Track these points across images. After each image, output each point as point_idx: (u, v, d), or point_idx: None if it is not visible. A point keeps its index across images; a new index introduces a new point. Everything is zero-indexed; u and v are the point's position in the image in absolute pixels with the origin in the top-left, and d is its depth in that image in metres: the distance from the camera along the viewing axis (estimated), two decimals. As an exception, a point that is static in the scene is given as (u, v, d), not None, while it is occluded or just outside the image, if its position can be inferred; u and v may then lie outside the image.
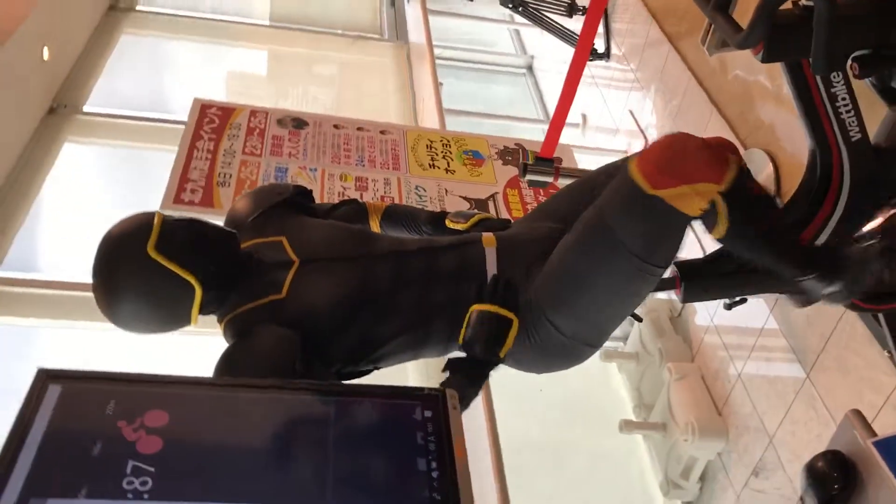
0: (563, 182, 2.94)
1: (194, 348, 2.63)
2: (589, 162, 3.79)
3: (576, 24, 4.47)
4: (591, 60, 4.36)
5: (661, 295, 3.35)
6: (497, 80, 5.71)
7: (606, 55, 4.38)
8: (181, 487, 0.94)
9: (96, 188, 4.15)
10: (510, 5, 4.45)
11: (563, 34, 4.53)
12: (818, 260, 1.61)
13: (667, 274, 1.65)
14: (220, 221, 1.72)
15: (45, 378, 1.05)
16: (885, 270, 1.59)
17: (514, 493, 2.36)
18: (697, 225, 1.52)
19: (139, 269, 1.48)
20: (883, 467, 1.03)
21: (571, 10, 4.50)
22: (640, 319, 1.84)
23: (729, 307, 2.03)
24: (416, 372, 3.09)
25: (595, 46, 4.29)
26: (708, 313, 3.13)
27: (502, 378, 1.65)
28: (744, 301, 2.02)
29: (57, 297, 3.20)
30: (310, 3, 5.81)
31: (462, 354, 1.53)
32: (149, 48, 5.31)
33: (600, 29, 4.34)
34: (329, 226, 1.76)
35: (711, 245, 1.67)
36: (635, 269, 1.54)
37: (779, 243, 1.60)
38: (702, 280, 1.87)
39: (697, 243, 2.28)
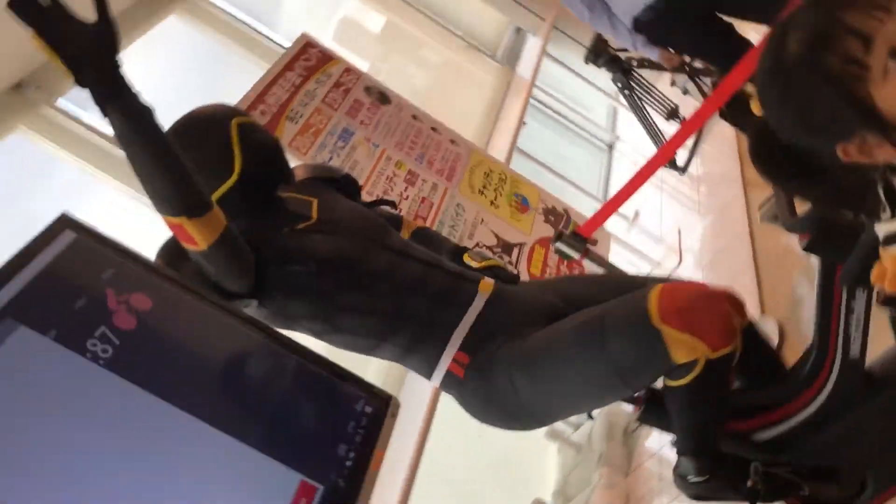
0: (587, 264, 3.00)
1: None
2: (619, 256, 3.85)
3: (669, 127, 4.55)
4: (666, 166, 4.44)
5: (628, 406, 3.41)
6: (576, 141, 5.79)
7: (683, 169, 4.45)
8: (133, 369, 1.02)
9: (177, 70, 4.26)
10: (619, 85, 4.53)
11: (654, 132, 4.61)
12: (719, 462, 1.63)
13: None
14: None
15: (65, 223, 1.14)
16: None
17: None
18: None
19: (208, 127, 1.70)
20: None
21: (671, 115, 4.58)
22: (591, 417, 1.91)
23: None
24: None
25: (676, 157, 4.37)
26: (659, 441, 3.18)
27: (448, 410, 1.72)
28: None
29: (98, 145, 3.29)
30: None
31: None
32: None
33: (688, 142, 4.42)
34: (359, 209, 1.87)
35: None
36: (610, 380, 1.60)
37: (705, 419, 1.63)
38: (662, 411, 1.93)
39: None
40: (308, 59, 3.64)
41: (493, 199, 3.65)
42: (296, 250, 1.66)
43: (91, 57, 1.23)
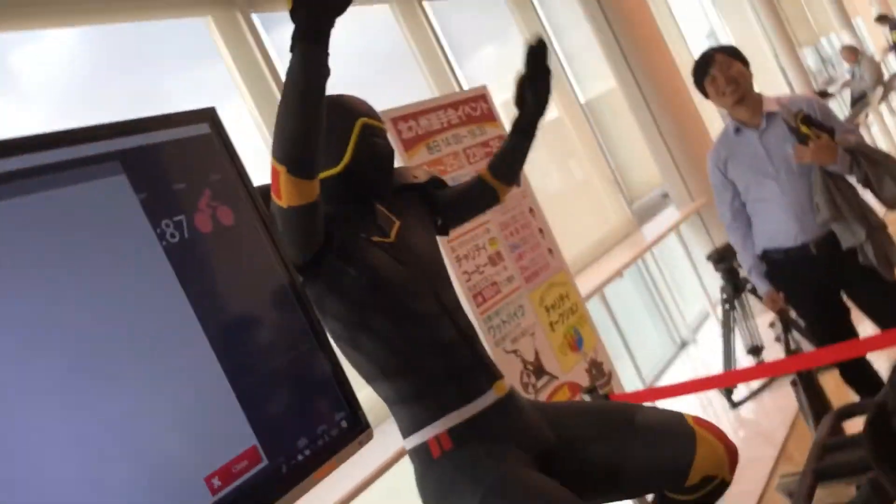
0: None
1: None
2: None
3: (745, 360, 4.50)
4: (722, 391, 4.37)
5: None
6: (656, 319, 5.75)
7: (735, 404, 4.36)
8: (184, 265, 1.07)
9: (359, 50, 4.45)
10: (724, 297, 4.52)
11: (729, 355, 4.54)
12: None
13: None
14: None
15: (207, 115, 1.21)
16: None
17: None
18: None
19: (342, 113, 1.77)
20: None
21: (753, 351, 4.53)
22: None
23: None
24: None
25: (735, 389, 4.31)
26: None
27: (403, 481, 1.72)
28: None
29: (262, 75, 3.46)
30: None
31: None
32: None
33: (753, 384, 4.34)
34: (434, 251, 1.92)
35: None
36: None
37: None
38: None
39: None
40: (475, 108, 3.76)
41: (553, 322, 3.65)
42: (359, 257, 1.71)
43: (319, 2, 1.31)
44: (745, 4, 9.50)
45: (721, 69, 2.94)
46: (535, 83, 1.96)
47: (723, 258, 4.37)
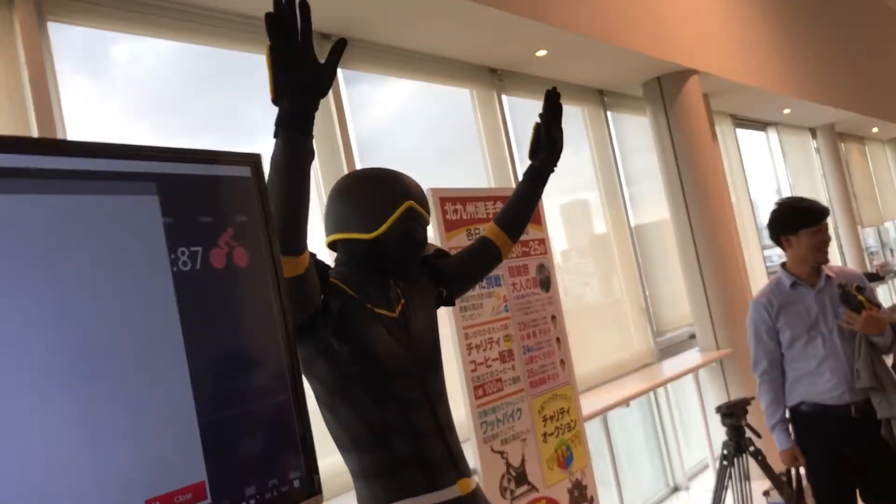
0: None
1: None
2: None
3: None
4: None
5: None
6: (654, 456, 5.65)
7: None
8: (187, 296, 1.11)
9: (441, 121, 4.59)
10: (725, 452, 4.42)
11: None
12: None
13: None
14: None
15: (252, 160, 1.28)
16: None
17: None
18: None
19: (392, 188, 1.84)
20: None
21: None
22: None
23: None
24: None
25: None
26: None
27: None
28: None
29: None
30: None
31: None
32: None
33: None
34: (432, 333, 1.94)
35: None
36: None
37: None
38: None
39: None
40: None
41: (548, 433, 3.62)
42: (355, 328, 1.75)
43: (303, 90, 1.32)
44: (816, 173, 9.55)
45: (826, 229, 3.16)
46: (550, 132, 2.04)
47: (731, 413, 4.30)
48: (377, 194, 1.82)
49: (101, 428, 0.94)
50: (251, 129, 3.57)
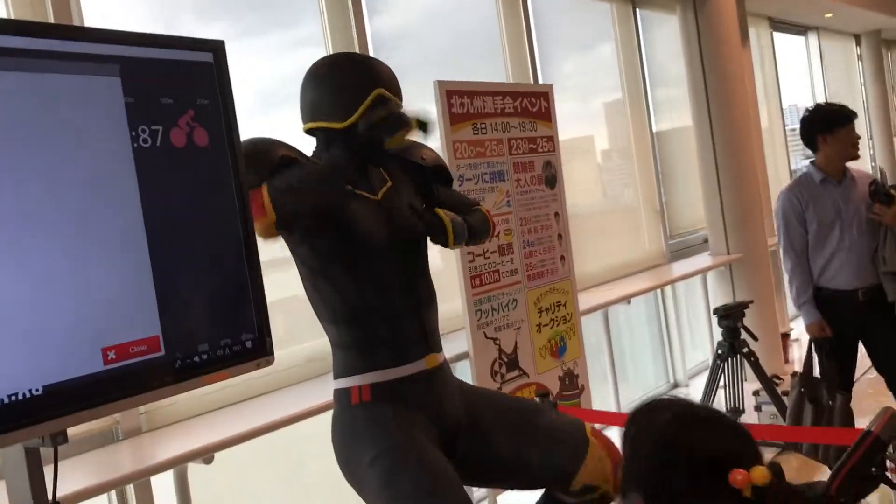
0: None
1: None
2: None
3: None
4: None
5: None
6: (657, 352, 5.80)
7: None
8: (147, 170, 1.22)
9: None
10: (719, 352, 4.56)
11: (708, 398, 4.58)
12: None
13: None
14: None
15: (214, 47, 1.36)
16: None
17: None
18: None
19: (366, 73, 1.91)
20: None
21: (733, 412, 4.56)
22: None
23: None
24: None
25: None
26: None
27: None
28: None
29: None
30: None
31: None
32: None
33: None
34: (414, 219, 1.99)
35: None
36: None
37: None
38: None
39: None
40: (534, 103, 3.84)
41: (542, 324, 3.75)
42: (338, 212, 1.85)
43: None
44: (856, 81, 9.28)
45: (855, 128, 3.53)
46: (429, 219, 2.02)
47: (728, 315, 4.41)
48: (348, 81, 1.89)
49: (65, 275, 1.08)
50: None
